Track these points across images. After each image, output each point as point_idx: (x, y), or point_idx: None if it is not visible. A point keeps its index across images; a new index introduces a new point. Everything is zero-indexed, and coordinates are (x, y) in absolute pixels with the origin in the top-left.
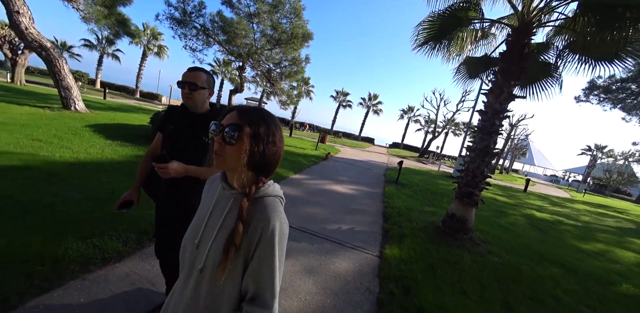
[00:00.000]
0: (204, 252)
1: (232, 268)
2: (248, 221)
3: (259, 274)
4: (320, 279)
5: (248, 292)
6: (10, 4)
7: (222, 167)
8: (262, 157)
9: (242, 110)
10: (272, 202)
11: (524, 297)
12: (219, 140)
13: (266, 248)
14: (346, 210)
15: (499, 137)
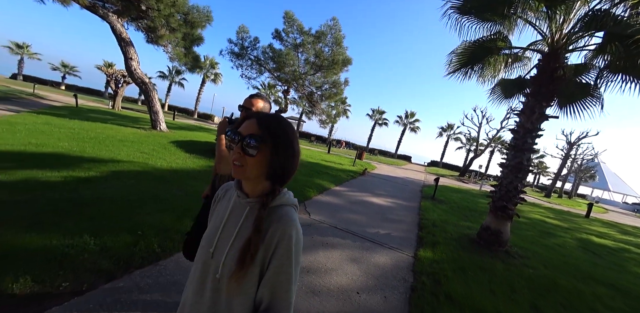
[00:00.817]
0: (219, 261)
1: (249, 277)
2: (265, 230)
3: (275, 283)
4: (363, 267)
5: (262, 302)
6: (127, 53)
7: (240, 176)
8: (282, 167)
9: (262, 119)
10: (288, 211)
11: (556, 303)
12: (238, 151)
13: (283, 257)
14: (383, 218)
15: (557, 158)
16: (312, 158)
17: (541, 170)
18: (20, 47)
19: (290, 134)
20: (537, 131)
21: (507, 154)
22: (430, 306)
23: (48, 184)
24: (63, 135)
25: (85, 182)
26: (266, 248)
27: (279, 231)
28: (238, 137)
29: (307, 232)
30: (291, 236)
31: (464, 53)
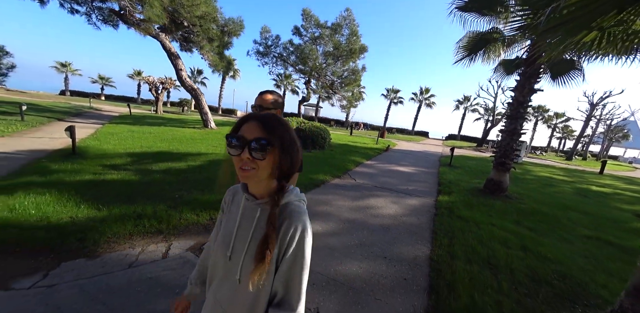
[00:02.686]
0: (238, 263)
1: (266, 275)
2: (278, 227)
3: (289, 276)
4: (401, 205)
5: (276, 296)
6: (177, 65)
7: (250, 180)
8: (290, 165)
9: (263, 121)
10: (297, 206)
11: (534, 220)
12: (246, 156)
13: (296, 251)
14: (409, 180)
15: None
16: (339, 140)
17: (567, 134)
18: (64, 66)
19: (291, 131)
20: (528, 103)
21: (505, 122)
22: (447, 221)
23: (181, 170)
24: (152, 138)
25: (198, 168)
26: (280, 243)
27: (292, 226)
28: (242, 142)
29: (357, 189)
30: (304, 230)
31: (468, 44)
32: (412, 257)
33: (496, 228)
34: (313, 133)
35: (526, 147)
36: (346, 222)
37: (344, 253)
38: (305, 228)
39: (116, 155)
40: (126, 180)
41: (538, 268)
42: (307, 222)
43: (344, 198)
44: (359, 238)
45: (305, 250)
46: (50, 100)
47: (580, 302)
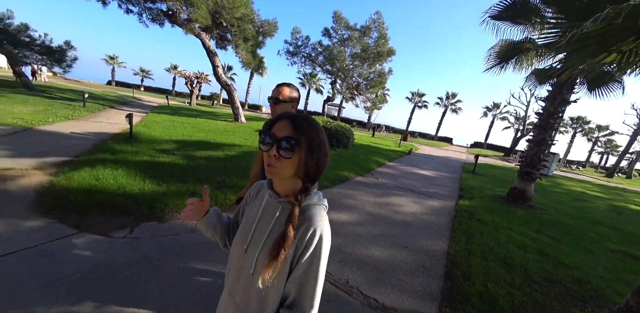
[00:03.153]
0: (253, 257)
1: (279, 273)
2: (297, 228)
3: (303, 281)
4: (421, 206)
5: (288, 298)
6: (214, 62)
7: (274, 177)
8: (315, 167)
9: (295, 121)
10: (318, 210)
11: (557, 231)
12: (273, 153)
13: (312, 256)
14: (431, 183)
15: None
16: (362, 141)
17: (610, 149)
18: (112, 59)
19: (321, 134)
20: (559, 113)
21: (533, 131)
22: (466, 222)
23: (220, 158)
24: (190, 128)
25: (234, 157)
26: (297, 246)
27: (310, 230)
28: (272, 139)
29: (380, 187)
30: (322, 236)
31: (500, 52)
32: (431, 250)
33: (515, 233)
34: (338, 132)
35: (559, 160)
36: (370, 215)
37: (368, 240)
38: (323, 233)
39: (163, 141)
40: (176, 163)
41: (553, 272)
42: (326, 228)
43: (367, 195)
44: (381, 229)
45: (321, 256)
46: (100, 89)
47: (592, 303)
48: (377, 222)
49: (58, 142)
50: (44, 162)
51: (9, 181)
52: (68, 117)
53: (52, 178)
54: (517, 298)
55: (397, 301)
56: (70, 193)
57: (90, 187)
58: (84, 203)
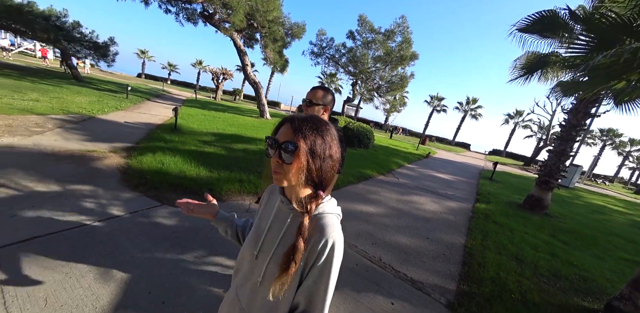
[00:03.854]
0: (262, 264)
1: (289, 283)
2: (307, 238)
3: (312, 292)
4: (440, 205)
5: (297, 308)
6: (244, 61)
7: (281, 184)
8: (320, 172)
9: (295, 124)
10: (331, 220)
11: (571, 237)
12: (276, 159)
13: (324, 267)
14: (449, 186)
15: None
16: (380, 142)
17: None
18: (143, 53)
19: (325, 135)
20: (581, 126)
21: (554, 142)
22: (482, 223)
23: (255, 151)
24: (222, 122)
25: None
26: (307, 256)
27: (322, 240)
28: (275, 144)
29: (401, 186)
30: (334, 247)
31: (525, 64)
32: (450, 242)
33: (529, 236)
34: (360, 133)
35: (582, 173)
36: (394, 209)
37: (394, 229)
38: (335, 244)
39: (202, 134)
40: (219, 154)
41: (561, 269)
42: (339, 238)
43: (390, 192)
44: (405, 222)
45: (332, 267)
46: (132, 81)
47: (593, 296)
48: (401, 215)
49: (118, 129)
50: (114, 146)
51: (96, 161)
52: (117, 107)
53: (127, 161)
54: (525, 285)
55: (422, 277)
56: (146, 174)
57: (158, 169)
58: (157, 182)
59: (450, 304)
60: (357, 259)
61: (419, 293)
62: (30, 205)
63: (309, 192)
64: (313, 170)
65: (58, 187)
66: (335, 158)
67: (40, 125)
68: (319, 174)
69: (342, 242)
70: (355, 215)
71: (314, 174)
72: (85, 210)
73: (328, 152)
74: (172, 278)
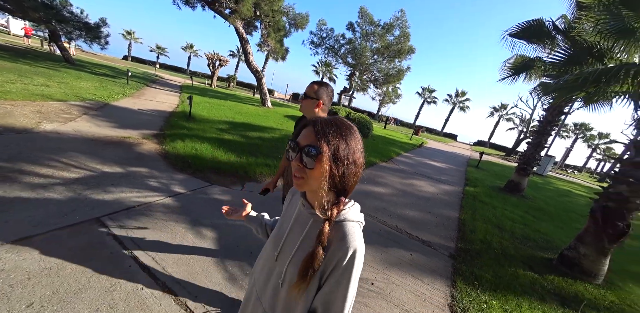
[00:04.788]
0: (282, 267)
1: (307, 288)
2: (327, 245)
3: (330, 299)
4: (437, 188)
5: (315, 312)
6: (246, 49)
7: (302, 189)
8: (343, 178)
9: (319, 127)
10: (352, 228)
11: (540, 213)
12: (297, 162)
13: (342, 275)
14: (441, 172)
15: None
16: (377, 132)
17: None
18: (130, 34)
19: (350, 140)
20: (555, 122)
21: (532, 135)
22: (471, 201)
23: (270, 139)
24: (228, 110)
25: (281, 139)
26: (327, 263)
27: (342, 249)
28: (297, 147)
29: (402, 172)
30: (354, 256)
31: (513, 66)
32: (447, 216)
33: (507, 211)
34: (360, 123)
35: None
36: (399, 190)
37: (403, 205)
38: (355, 253)
39: (215, 122)
40: (238, 141)
41: (531, 234)
42: (360, 247)
43: (393, 176)
44: (410, 200)
45: (351, 277)
46: (119, 64)
47: (552, 251)
48: (406, 195)
49: (136, 117)
50: (142, 133)
51: (135, 146)
52: (124, 94)
53: (163, 147)
54: (503, 244)
55: (430, 238)
56: (187, 158)
57: (194, 154)
58: (199, 165)
59: (452, 255)
60: (380, 226)
61: (428, 249)
62: (110, 183)
63: (330, 197)
64: (336, 176)
65: (120, 169)
66: (359, 163)
67: (67, 111)
68: (341, 180)
69: (363, 251)
70: (371, 194)
71: (336, 180)
72: (155, 187)
73: (352, 158)
74: (251, 237)
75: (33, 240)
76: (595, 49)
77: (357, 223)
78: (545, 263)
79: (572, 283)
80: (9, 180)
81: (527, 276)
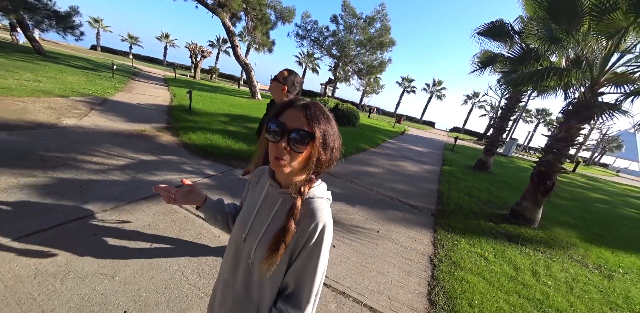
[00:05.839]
0: (251, 247)
1: (278, 265)
2: (298, 221)
3: (301, 274)
4: (419, 168)
5: (287, 289)
6: (233, 42)
7: (284, 170)
8: (327, 163)
9: (309, 111)
10: (321, 204)
11: (502, 186)
12: (284, 145)
13: (312, 250)
14: (422, 155)
15: None
16: (363, 121)
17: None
18: (97, 21)
19: (335, 127)
20: (514, 109)
21: (495, 121)
22: (447, 177)
23: None
24: (221, 103)
25: None
26: (297, 239)
27: (312, 224)
28: (282, 129)
29: (388, 156)
30: (323, 230)
31: (481, 60)
32: (429, 188)
33: (476, 184)
34: (349, 113)
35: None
36: (388, 170)
37: (393, 181)
38: (325, 228)
39: (215, 114)
40: (242, 132)
41: (493, 199)
42: (329, 222)
43: (382, 159)
44: (398, 178)
45: (321, 251)
46: (92, 55)
47: (506, 209)
48: (395, 173)
49: (140, 111)
50: (154, 126)
51: (155, 138)
52: (116, 88)
53: (179, 138)
54: (471, 206)
55: (417, 203)
56: (205, 147)
57: (210, 144)
58: (218, 153)
59: (433, 214)
60: (377, 196)
61: (416, 211)
62: (152, 168)
63: (302, 176)
64: (322, 161)
65: (154, 157)
66: (339, 148)
67: (75, 107)
68: (326, 165)
69: (332, 226)
70: (366, 173)
71: (322, 164)
72: (190, 171)
73: (336, 143)
74: None
75: (124, 208)
76: (534, 53)
77: (325, 200)
78: (500, 217)
79: (517, 228)
80: (73, 167)
81: (486, 225)
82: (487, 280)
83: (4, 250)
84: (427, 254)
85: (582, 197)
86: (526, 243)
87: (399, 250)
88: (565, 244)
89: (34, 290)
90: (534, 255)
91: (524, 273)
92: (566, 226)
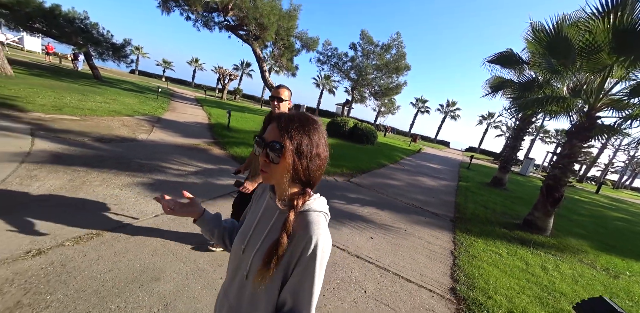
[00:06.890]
0: (248, 258)
1: (272, 279)
2: (292, 235)
3: (298, 289)
4: (437, 183)
5: (284, 306)
6: (262, 67)
7: (268, 182)
8: (307, 171)
9: (282, 123)
10: (317, 217)
11: (516, 201)
12: (263, 158)
13: (308, 265)
14: (439, 172)
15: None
16: (380, 140)
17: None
18: (138, 49)
19: (312, 134)
20: (526, 129)
21: (509, 141)
22: (463, 192)
23: None
24: (251, 122)
25: None
26: (292, 253)
27: (306, 238)
28: (262, 143)
29: (407, 171)
30: (317, 244)
31: (492, 85)
32: (446, 200)
33: (491, 198)
34: (368, 132)
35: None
36: (408, 183)
37: (413, 192)
38: (319, 242)
39: (250, 132)
40: None
41: (507, 211)
42: (323, 236)
43: (402, 174)
44: (418, 189)
45: (316, 265)
46: (134, 78)
47: (520, 219)
48: (414, 186)
49: (188, 128)
50: (204, 141)
51: (207, 151)
52: (162, 108)
53: (227, 151)
54: (487, 215)
55: (437, 211)
56: None
57: None
58: None
59: (452, 220)
60: (401, 204)
61: (436, 216)
62: (217, 174)
63: (296, 189)
64: (300, 170)
65: (213, 165)
66: (322, 156)
67: (140, 124)
68: (305, 174)
69: (329, 240)
70: (389, 185)
71: (300, 174)
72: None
73: (315, 151)
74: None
75: (207, 203)
76: (537, 82)
77: (322, 214)
78: (514, 225)
79: (529, 235)
80: (162, 171)
81: (500, 231)
82: (500, 269)
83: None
84: (448, 249)
85: (601, 214)
86: (538, 247)
87: (425, 244)
88: (576, 250)
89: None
90: (545, 256)
91: (534, 267)
92: (579, 236)
